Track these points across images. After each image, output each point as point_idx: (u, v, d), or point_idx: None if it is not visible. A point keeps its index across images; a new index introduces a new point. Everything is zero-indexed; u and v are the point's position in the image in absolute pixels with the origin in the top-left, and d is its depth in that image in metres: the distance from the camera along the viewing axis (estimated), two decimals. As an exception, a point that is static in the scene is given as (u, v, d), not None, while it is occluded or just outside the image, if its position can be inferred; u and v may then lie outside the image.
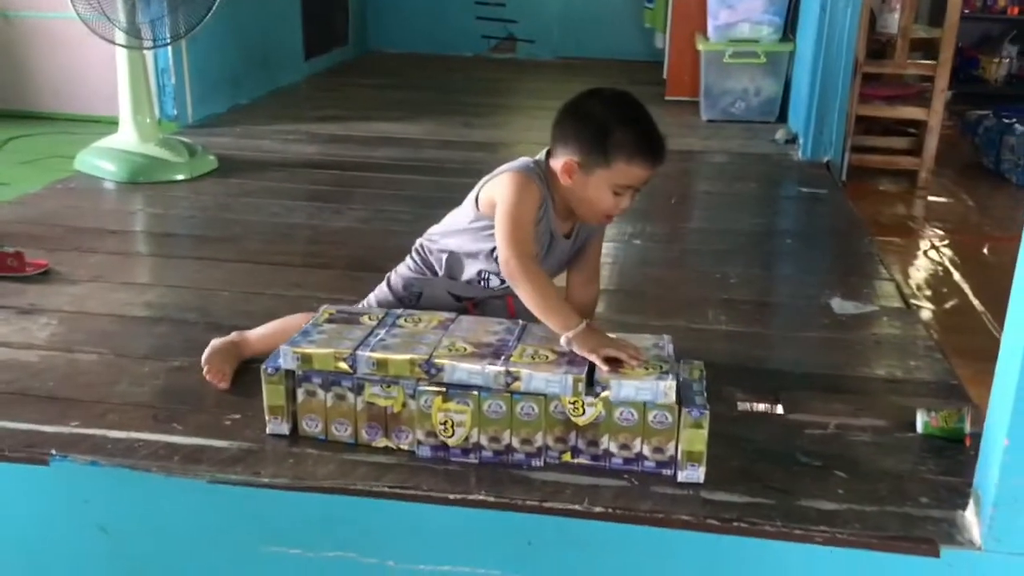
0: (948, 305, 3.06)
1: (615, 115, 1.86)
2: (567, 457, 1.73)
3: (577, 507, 1.61)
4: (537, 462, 1.72)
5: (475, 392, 1.70)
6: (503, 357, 1.72)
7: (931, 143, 4.15)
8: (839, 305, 2.50)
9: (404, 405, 1.74)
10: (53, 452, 1.73)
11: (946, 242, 3.63)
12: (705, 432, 1.65)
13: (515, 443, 1.72)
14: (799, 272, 2.88)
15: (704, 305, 2.50)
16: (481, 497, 1.63)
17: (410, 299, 2.06)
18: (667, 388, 1.65)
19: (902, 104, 4.26)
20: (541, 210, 1.90)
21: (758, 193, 3.74)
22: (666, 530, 1.58)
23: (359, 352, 1.74)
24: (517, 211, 1.85)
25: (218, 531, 1.72)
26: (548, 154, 1.94)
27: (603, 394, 1.67)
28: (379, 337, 1.79)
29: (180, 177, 3.65)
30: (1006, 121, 4.40)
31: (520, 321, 1.89)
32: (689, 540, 1.58)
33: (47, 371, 2.05)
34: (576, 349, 1.73)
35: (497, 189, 1.90)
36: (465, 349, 1.74)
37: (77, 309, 2.38)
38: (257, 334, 2.08)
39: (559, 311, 1.79)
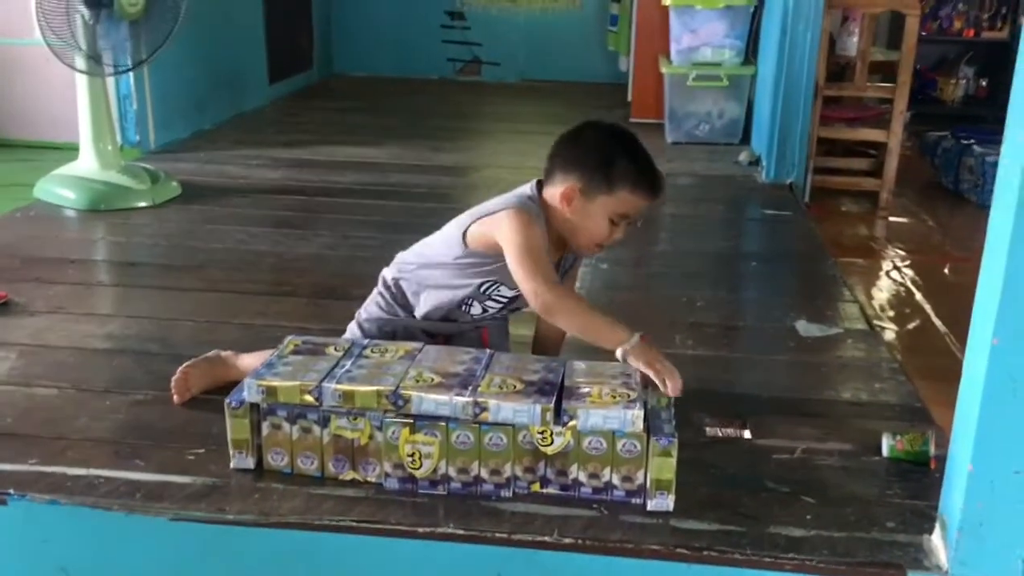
0: (911, 326, 3.09)
1: (619, 145, 1.90)
2: (536, 487, 1.72)
3: (547, 538, 1.60)
4: (506, 493, 1.71)
5: (443, 423, 1.69)
6: (471, 387, 1.70)
7: (891, 164, 4.20)
8: (804, 328, 2.51)
9: (371, 437, 1.73)
10: (11, 491, 1.69)
11: (908, 263, 3.67)
12: (674, 460, 1.64)
13: (484, 474, 1.71)
14: (765, 295, 2.90)
15: (671, 329, 2.51)
16: (450, 530, 1.62)
17: (384, 339, 2.04)
18: (635, 417, 1.65)
19: (862, 126, 4.32)
20: None
21: (723, 215, 3.77)
22: (636, 560, 1.58)
23: (325, 384, 1.72)
24: (531, 247, 1.84)
25: (182, 570, 1.69)
26: (540, 184, 1.95)
27: (571, 423, 1.66)
28: (345, 368, 1.78)
29: (143, 204, 3.61)
30: (964, 142, 4.47)
31: (488, 350, 1.88)
32: (659, 570, 1.58)
33: (5, 406, 2.01)
34: (632, 362, 1.75)
35: (500, 230, 1.87)
36: (432, 380, 1.73)
37: (36, 342, 2.34)
38: (247, 362, 2.05)
39: (609, 327, 1.81)
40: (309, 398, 1.72)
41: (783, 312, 2.64)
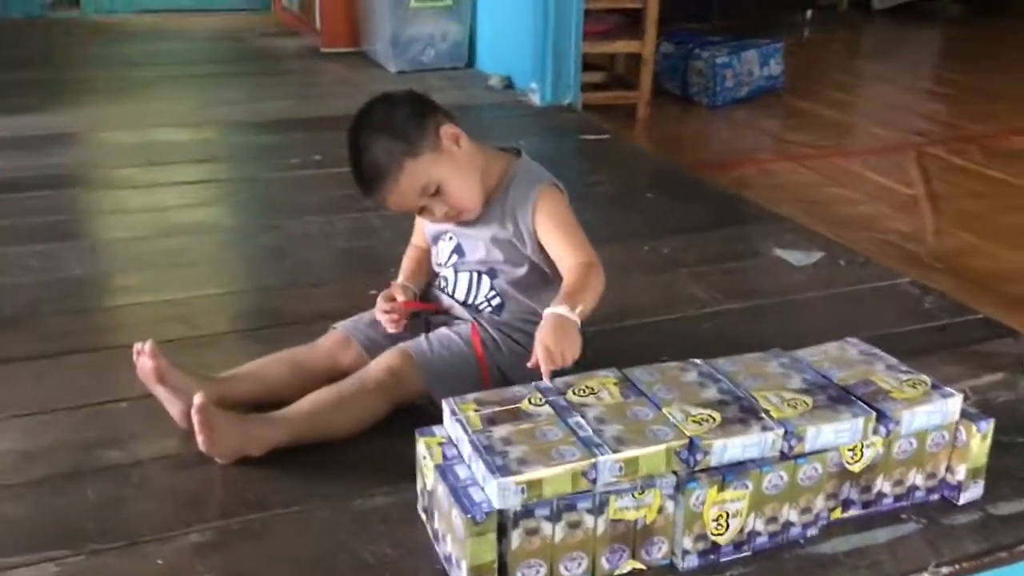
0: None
1: None
2: (837, 514, 1.42)
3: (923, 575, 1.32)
4: (812, 531, 1.39)
5: (755, 469, 1.31)
6: (761, 414, 1.34)
7: (647, 75, 4.20)
8: (791, 256, 2.39)
9: (660, 511, 1.29)
10: None
11: (733, 171, 3.67)
12: (989, 443, 1.44)
13: (792, 517, 1.36)
14: (705, 228, 2.63)
15: (686, 284, 2.24)
16: (817, 602, 1.27)
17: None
18: (955, 404, 1.41)
19: (616, 38, 4.25)
20: None
21: (543, 148, 3.48)
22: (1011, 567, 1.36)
23: (600, 458, 1.24)
24: None
25: None
26: None
27: (895, 430, 1.37)
28: (589, 430, 1.30)
29: None
30: (685, 47, 4.60)
31: (696, 361, 1.49)
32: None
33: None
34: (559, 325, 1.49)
35: None
36: (711, 417, 1.33)
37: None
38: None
39: None
40: (585, 482, 1.24)
41: (748, 242, 2.48)
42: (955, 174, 3.61)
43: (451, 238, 1.77)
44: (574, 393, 1.40)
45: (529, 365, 1.47)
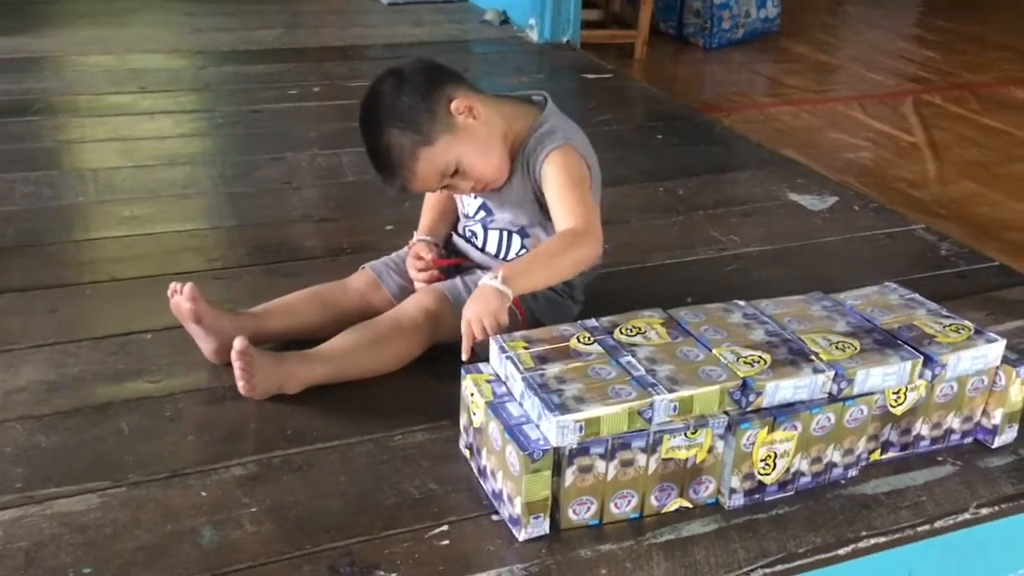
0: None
1: None
2: (876, 455, 1.43)
3: (965, 515, 1.34)
4: (853, 472, 1.40)
5: (805, 411, 1.31)
6: (810, 356, 1.34)
7: (646, 13, 4.14)
8: (806, 201, 2.39)
9: (710, 450, 1.29)
10: None
11: (740, 115, 3.66)
12: (1025, 387, 1.46)
13: (836, 458, 1.37)
14: (717, 170, 2.61)
15: (699, 228, 2.23)
16: (863, 542, 1.28)
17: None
18: (999, 348, 1.42)
19: (615, -26, 4.19)
20: None
21: (551, 86, 3.39)
22: (1036, 511, 1.39)
23: (656, 397, 1.24)
24: None
25: None
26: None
27: (940, 374, 1.38)
28: (641, 369, 1.29)
29: None
30: (683, -15, 4.55)
31: (740, 302, 1.49)
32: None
33: None
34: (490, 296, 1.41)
35: None
36: (762, 359, 1.33)
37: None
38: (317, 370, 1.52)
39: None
40: (641, 421, 1.23)
41: (762, 185, 2.47)
42: (953, 122, 3.63)
43: (476, 196, 1.71)
44: (621, 332, 1.39)
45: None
